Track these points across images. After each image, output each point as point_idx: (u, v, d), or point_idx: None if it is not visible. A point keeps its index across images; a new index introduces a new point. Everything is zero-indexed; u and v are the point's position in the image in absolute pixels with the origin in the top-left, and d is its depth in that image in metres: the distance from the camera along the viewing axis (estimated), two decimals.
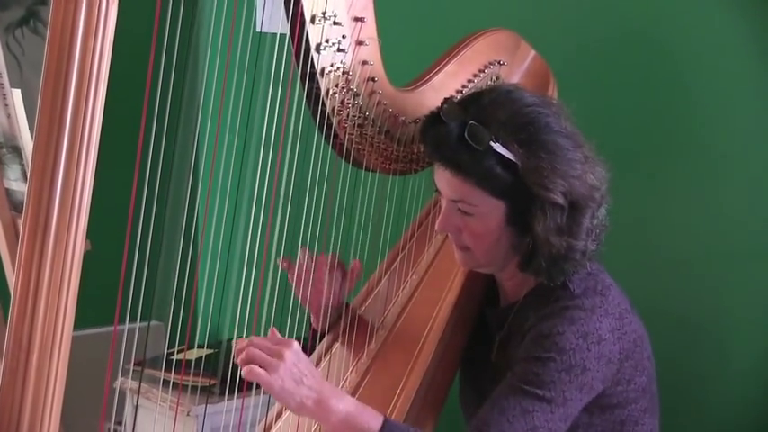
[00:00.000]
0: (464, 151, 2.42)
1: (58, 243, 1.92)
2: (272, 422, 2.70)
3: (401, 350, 2.76)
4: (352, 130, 2.67)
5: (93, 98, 1.90)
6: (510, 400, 2.38)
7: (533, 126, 2.44)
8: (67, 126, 1.89)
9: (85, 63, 1.88)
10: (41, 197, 1.92)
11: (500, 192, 2.44)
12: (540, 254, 2.45)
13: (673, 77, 3.21)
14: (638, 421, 2.57)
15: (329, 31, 2.54)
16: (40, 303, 1.91)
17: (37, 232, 1.92)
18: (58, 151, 1.90)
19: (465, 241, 2.54)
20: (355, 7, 2.57)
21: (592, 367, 2.41)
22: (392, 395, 2.59)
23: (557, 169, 2.40)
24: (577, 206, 2.42)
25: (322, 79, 2.55)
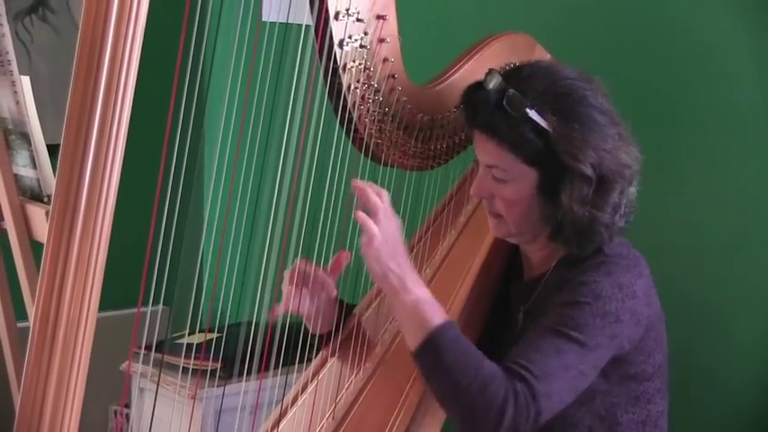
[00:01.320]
0: (500, 117, 2.48)
1: (86, 225, 1.94)
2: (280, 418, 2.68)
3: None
4: (372, 125, 2.70)
5: (124, 85, 1.91)
6: (544, 339, 2.42)
7: (569, 97, 2.51)
8: (98, 112, 1.90)
9: (117, 49, 1.89)
10: (71, 180, 1.94)
11: (532, 159, 2.50)
12: (567, 225, 2.51)
13: (678, 70, 3.24)
14: (651, 400, 2.62)
15: (352, 27, 2.56)
16: (67, 282, 1.93)
17: (66, 213, 1.93)
18: (89, 137, 1.91)
19: (497, 208, 2.59)
20: (378, 5, 2.60)
21: (624, 319, 2.46)
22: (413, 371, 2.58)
23: (588, 141, 2.46)
24: (605, 180, 2.48)
25: (344, 74, 2.58)
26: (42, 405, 1.96)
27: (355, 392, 2.70)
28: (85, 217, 1.94)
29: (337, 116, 2.63)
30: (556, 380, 2.36)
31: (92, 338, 1.98)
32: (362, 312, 2.94)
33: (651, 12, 3.32)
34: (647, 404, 2.61)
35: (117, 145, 1.93)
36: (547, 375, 2.35)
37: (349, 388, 2.72)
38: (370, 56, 2.63)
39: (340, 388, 2.73)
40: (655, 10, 3.31)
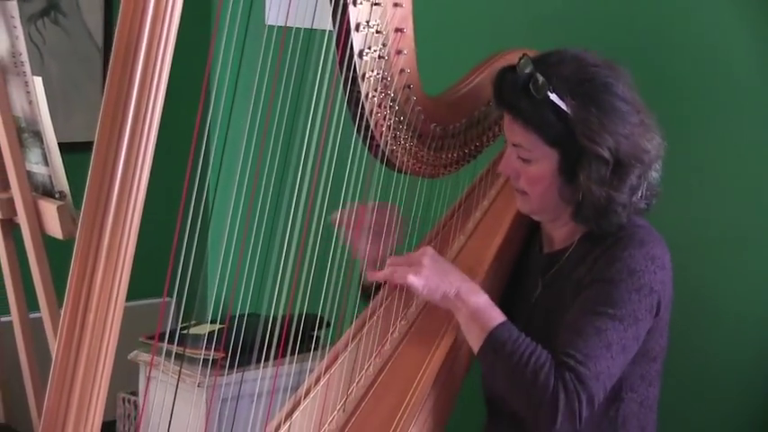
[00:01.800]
0: (525, 99, 2.55)
1: (116, 221, 1.97)
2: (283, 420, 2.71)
3: None
4: (388, 132, 2.75)
5: (158, 80, 1.93)
6: (584, 321, 2.50)
7: (592, 83, 2.57)
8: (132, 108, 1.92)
9: (152, 49, 1.91)
10: (104, 177, 1.96)
11: (553, 140, 2.57)
12: (586, 204, 2.58)
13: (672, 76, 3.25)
14: (651, 382, 2.70)
15: (371, 38, 2.61)
16: (97, 274, 1.96)
17: (98, 209, 1.95)
18: (122, 133, 1.93)
19: (522, 186, 2.67)
20: (396, 18, 2.65)
21: (658, 289, 2.55)
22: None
23: (605, 125, 2.52)
24: (622, 163, 2.53)
25: (363, 83, 2.62)
26: (71, 390, 2.00)
27: (365, 387, 2.74)
28: (116, 213, 1.98)
29: (355, 123, 2.68)
30: (600, 360, 2.45)
31: (119, 326, 2.03)
32: (375, 309, 2.94)
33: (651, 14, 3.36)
34: (648, 386, 2.68)
35: (148, 145, 1.96)
36: (590, 358, 2.44)
37: (359, 382, 2.75)
38: (388, 66, 2.68)
39: (351, 381, 2.77)
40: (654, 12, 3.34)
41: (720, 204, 3.24)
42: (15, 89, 3.54)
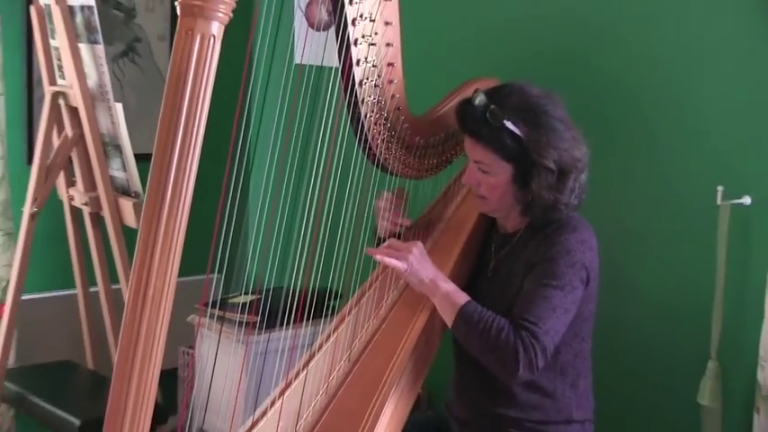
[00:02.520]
0: (485, 126, 2.54)
1: (170, 213, 1.94)
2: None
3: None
4: (382, 144, 2.76)
5: (201, 105, 1.93)
6: (534, 292, 2.52)
7: (536, 110, 2.56)
8: (181, 126, 1.92)
9: (197, 80, 1.90)
10: (160, 179, 1.94)
11: (508, 157, 2.56)
12: (536, 204, 2.57)
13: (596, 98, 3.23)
14: (584, 339, 2.70)
15: (369, 71, 2.61)
16: (156, 253, 1.93)
17: (155, 204, 1.92)
18: (174, 143, 1.92)
19: (482, 192, 2.65)
20: (388, 55, 2.67)
21: (587, 265, 2.57)
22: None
23: (549, 142, 2.53)
24: (563, 171, 2.54)
25: (362, 106, 2.63)
26: (136, 345, 1.97)
27: (365, 342, 2.74)
28: (170, 207, 1.95)
29: (356, 137, 2.70)
30: (549, 320, 2.46)
31: (173, 295, 2.00)
32: (372, 283, 2.95)
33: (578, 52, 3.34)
34: (581, 341, 2.68)
35: (194, 155, 1.94)
36: (541, 319, 2.45)
37: (361, 339, 2.75)
38: (382, 93, 2.69)
39: (354, 339, 2.76)
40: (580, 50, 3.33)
41: (635, 199, 3.22)
42: (101, 112, 3.55)
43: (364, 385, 2.63)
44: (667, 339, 3.12)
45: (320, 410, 2.62)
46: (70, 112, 3.55)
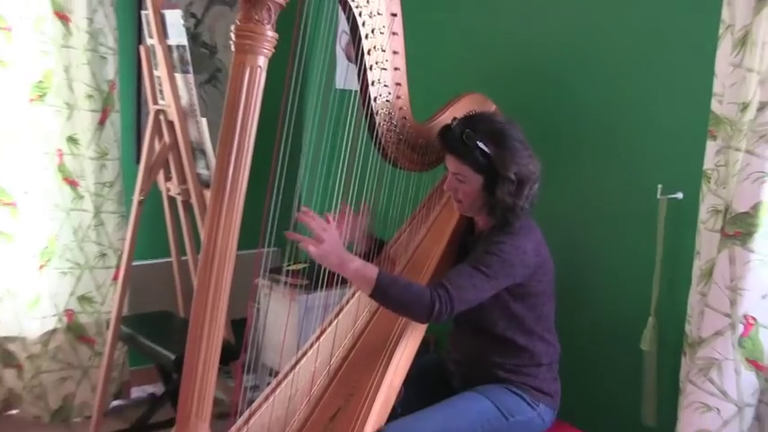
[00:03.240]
0: (462, 146, 2.55)
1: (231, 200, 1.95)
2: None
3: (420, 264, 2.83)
4: (392, 146, 2.77)
5: (252, 119, 1.93)
6: (464, 268, 2.51)
7: (501, 134, 2.57)
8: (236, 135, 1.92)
9: (249, 101, 1.91)
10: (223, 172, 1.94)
11: (480, 170, 2.55)
12: (498, 207, 2.56)
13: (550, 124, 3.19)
14: (544, 304, 2.70)
15: (381, 90, 2.65)
16: (219, 232, 1.93)
17: (225, 196, 1.94)
18: (232, 151, 1.93)
19: (459, 197, 2.64)
20: (396, 77, 2.69)
21: (516, 264, 2.54)
22: None
23: (512, 159, 2.53)
24: (521, 181, 2.53)
25: (376, 117, 2.65)
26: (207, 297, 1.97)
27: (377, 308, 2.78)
28: (230, 195, 1.95)
29: (372, 141, 2.71)
30: (465, 291, 2.46)
31: (233, 263, 1.99)
32: (390, 247, 2.99)
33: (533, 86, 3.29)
34: (541, 306, 2.69)
35: (247, 156, 1.95)
36: (459, 287, 2.45)
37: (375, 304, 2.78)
38: (391, 106, 2.70)
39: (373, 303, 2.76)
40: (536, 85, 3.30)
41: (596, 194, 3.16)
42: (191, 125, 3.57)
43: (382, 331, 2.67)
44: (618, 301, 3.11)
45: (348, 349, 2.68)
46: (168, 124, 3.58)
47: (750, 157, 2.43)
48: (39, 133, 3.63)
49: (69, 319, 3.86)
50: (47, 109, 3.63)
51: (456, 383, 2.77)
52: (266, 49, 1.92)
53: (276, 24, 1.94)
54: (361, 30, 2.50)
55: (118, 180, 3.87)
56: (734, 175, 2.51)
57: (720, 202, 2.60)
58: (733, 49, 2.52)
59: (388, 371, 2.50)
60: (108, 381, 3.70)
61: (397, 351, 2.55)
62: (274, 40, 1.93)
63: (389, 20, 2.57)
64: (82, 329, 3.90)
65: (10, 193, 3.63)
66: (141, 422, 3.80)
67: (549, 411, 2.68)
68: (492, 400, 2.59)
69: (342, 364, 2.64)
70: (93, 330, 3.93)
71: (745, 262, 2.47)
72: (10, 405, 3.93)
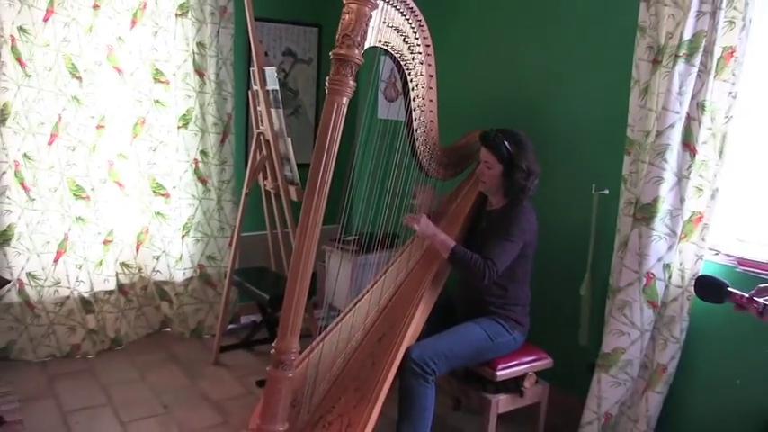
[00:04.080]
0: (493, 142, 2.59)
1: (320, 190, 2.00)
2: None
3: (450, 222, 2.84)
4: (425, 161, 2.75)
5: (337, 138, 1.99)
6: (498, 242, 2.56)
7: (519, 141, 2.61)
8: (326, 148, 1.98)
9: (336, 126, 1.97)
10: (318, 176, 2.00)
11: (502, 160, 2.59)
12: (513, 189, 2.60)
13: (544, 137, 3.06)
14: (526, 264, 2.70)
15: (420, 124, 2.64)
16: (311, 213, 1.99)
17: (317, 187, 1.99)
18: (323, 158, 1.98)
19: (485, 179, 2.66)
20: (430, 115, 2.67)
21: (527, 230, 2.60)
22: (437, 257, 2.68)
23: (525, 157, 2.58)
24: (529, 173, 2.58)
25: (417, 140, 2.66)
26: (301, 257, 2.03)
27: (414, 263, 2.79)
28: (320, 189, 2.00)
29: (413, 158, 2.71)
30: (503, 257, 2.54)
31: (318, 235, 2.04)
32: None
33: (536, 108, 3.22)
34: (524, 266, 2.70)
35: (333, 160, 2.00)
36: (499, 256, 2.53)
37: (411, 260, 2.80)
38: (426, 132, 2.68)
39: (409, 258, 2.82)
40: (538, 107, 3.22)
41: (554, 191, 3.13)
42: (281, 143, 3.49)
43: (414, 284, 2.69)
44: (566, 261, 3.10)
45: (391, 294, 2.70)
46: (265, 143, 3.52)
47: (651, 167, 2.53)
48: (183, 148, 3.76)
49: (201, 270, 3.96)
50: (188, 132, 3.76)
51: (460, 316, 2.76)
52: (348, 93, 1.99)
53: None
54: (410, 84, 2.52)
55: (233, 179, 3.93)
56: (641, 178, 2.61)
57: (633, 197, 2.69)
58: (640, 96, 2.64)
59: (417, 311, 2.54)
60: (226, 311, 3.69)
61: (423, 299, 2.58)
62: (353, 87, 2.00)
63: (428, 79, 2.59)
64: (208, 277, 3.99)
65: (165, 187, 3.77)
66: (247, 339, 3.88)
67: (521, 336, 2.72)
68: (483, 327, 2.63)
69: (386, 304, 2.67)
70: (216, 278, 4.00)
71: (648, 237, 2.55)
72: (165, 325, 4.05)
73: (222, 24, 3.70)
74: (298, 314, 2.09)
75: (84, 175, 3.48)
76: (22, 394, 3.11)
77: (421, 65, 2.51)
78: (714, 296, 1.88)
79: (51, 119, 3.35)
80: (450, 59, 3.63)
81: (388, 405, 2.35)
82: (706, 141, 2.47)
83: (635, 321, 2.62)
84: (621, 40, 2.78)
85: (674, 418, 2.71)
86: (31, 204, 3.39)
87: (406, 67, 2.45)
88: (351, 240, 3.72)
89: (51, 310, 3.53)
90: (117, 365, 3.53)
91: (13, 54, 3.23)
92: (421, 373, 2.40)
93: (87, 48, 3.40)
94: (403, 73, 2.48)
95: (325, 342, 2.59)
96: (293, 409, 2.29)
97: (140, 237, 3.82)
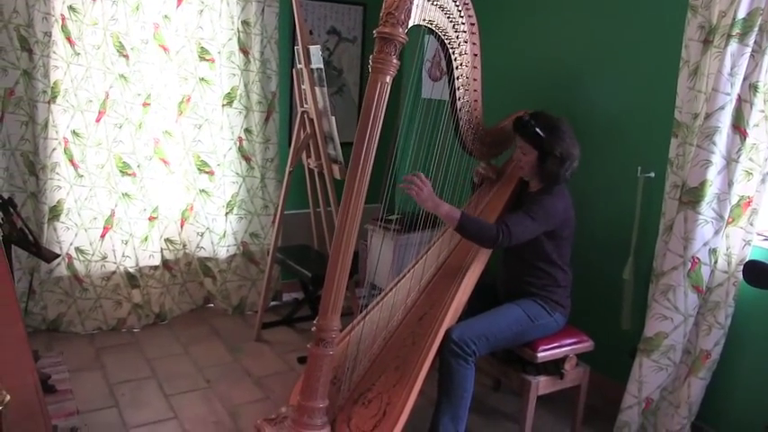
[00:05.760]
0: (526, 129, 2.56)
1: (363, 169, 2.02)
2: None
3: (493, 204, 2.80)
4: (469, 140, 2.71)
5: (380, 116, 2.01)
6: (519, 214, 2.52)
7: (552, 125, 2.55)
8: (369, 127, 1.99)
9: (379, 105, 2.00)
10: (359, 154, 2.02)
11: (537, 146, 2.56)
12: (546, 173, 2.56)
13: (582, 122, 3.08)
14: (564, 247, 2.67)
15: (464, 103, 2.61)
16: (354, 192, 2.03)
17: (359, 167, 2.01)
18: (366, 137, 2.00)
19: (521, 164, 2.63)
20: (474, 94, 2.62)
21: (551, 214, 2.54)
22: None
23: (558, 142, 2.52)
24: (563, 158, 2.53)
25: (460, 120, 2.63)
26: (343, 234, 2.05)
27: (457, 242, 2.79)
28: (362, 169, 2.02)
29: (457, 136, 2.68)
30: (518, 227, 2.48)
31: (361, 213, 2.07)
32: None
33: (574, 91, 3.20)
34: (562, 247, 2.67)
35: (376, 138, 2.02)
36: (515, 225, 2.47)
37: (455, 237, 2.78)
38: (471, 111, 2.65)
39: (452, 238, 2.81)
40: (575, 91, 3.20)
41: (600, 174, 3.11)
42: (324, 121, 3.48)
43: (456, 263, 2.70)
44: (610, 245, 3.08)
45: (432, 274, 2.71)
46: (309, 121, 3.54)
47: (699, 150, 2.49)
48: (227, 126, 3.81)
49: (244, 247, 4.02)
50: (232, 110, 3.81)
51: (501, 297, 2.77)
52: (392, 71, 2.00)
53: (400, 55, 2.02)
54: (453, 63, 2.49)
55: (276, 157, 3.95)
56: (688, 161, 2.58)
57: (679, 180, 2.65)
58: (689, 77, 2.59)
59: (458, 291, 2.54)
60: (268, 288, 3.72)
61: (465, 278, 2.58)
62: (397, 66, 2.01)
63: (472, 57, 2.56)
64: (252, 254, 4.05)
65: (209, 164, 3.83)
66: (289, 316, 3.94)
67: (562, 318, 2.71)
68: (523, 308, 2.62)
69: (428, 283, 2.68)
70: (259, 255, 4.05)
71: (694, 221, 2.52)
72: (208, 300, 4.13)
73: (267, 3, 3.73)
74: (339, 292, 2.12)
75: (130, 152, 3.56)
76: (71, 365, 3.23)
77: (465, 44, 2.48)
78: (764, 282, 1.86)
79: (99, 96, 3.44)
80: (496, 39, 3.58)
81: (427, 384, 2.38)
82: (757, 124, 2.43)
83: (678, 306, 2.59)
84: (671, 20, 2.74)
85: (717, 405, 2.70)
86: (79, 181, 3.49)
87: (450, 45, 2.43)
88: (393, 219, 3.74)
89: (98, 284, 3.65)
90: (161, 340, 3.63)
91: (63, 33, 3.30)
92: (461, 354, 2.41)
93: (134, 26, 3.46)
94: (447, 52, 2.46)
95: (366, 321, 2.61)
96: (333, 386, 2.34)
97: (185, 213, 3.90)
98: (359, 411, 2.27)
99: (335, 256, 2.08)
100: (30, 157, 3.42)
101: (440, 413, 2.44)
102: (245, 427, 2.78)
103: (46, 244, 3.46)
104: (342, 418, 2.26)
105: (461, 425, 2.45)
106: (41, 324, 3.61)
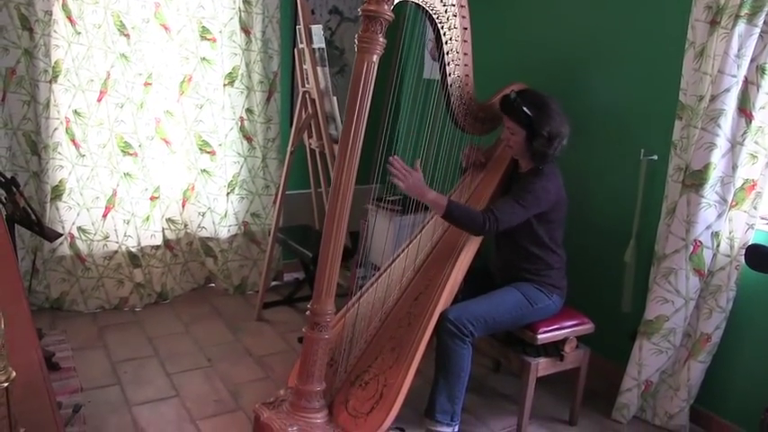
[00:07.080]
0: (513, 108, 2.50)
1: (351, 151, 2.01)
2: None
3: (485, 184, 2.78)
4: (461, 116, 2.65)
5: (367, 96, 1.99)
6: (507, 200, 2.48)
7: (539, 103, 2.49)
8: (356, 107, 1.98)
9: (366, 84, 1.98)
10: (349, 134, 2.00)
11: (524, 125, 2.49)
12: (535, 152, 2.50)
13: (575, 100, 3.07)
14: (556, 229, 2.62)
15: (455, 79, 2.56)
16: (345, 173, 2.01)
17: (348, 148, 1.99)
18: (353, 118, 1.98)
19: (510, 144, 2.58)
20: (465, 69, 2.57)
21: (542, 198, 2.49)
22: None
23: (546, 121, 2.46)
24: (551, 137, 2.46)
25: (451, 96, 2.56)
26: (335, 214, 2.04)
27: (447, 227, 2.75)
28: (352, 147, 2.01)
29: (449, 112, 2.63)
30: (506, 214, 2.45)
31: (352, 192, 2.06)
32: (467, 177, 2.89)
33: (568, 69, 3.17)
34: (554, 230, 2.62)
35: (364, 118, 2.00)
36: (503, 212, 2.44)
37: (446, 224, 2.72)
38: (462, 87, 2.60)
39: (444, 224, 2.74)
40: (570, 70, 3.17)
41: (601, 155, 3.09)
42: (326, 101, 3.45)
43: (450, 243, 2.67)
44: (611, 227, 3.06)
45: (427, 254, 2.69)
46: (311, 101, 3.50)
47: (703, 133, 2.45)
48: (228, 106, 3.76)
49: (245, 227, 4.00)
50: (234, 90, 3.75)
51: (497, 281, 2.74)
52: (378, 50, 1.97)
53: (386, 33, 1.98)
54: (443, 38, 2.44)
55: (278, 137, 3.92)
56: (692, 144, 2.54)
57: (682, 163, 2.62)
58: (695, 59, 2.54)
59: (453, 269, 2.52)
60: (269, 268, 3.70)
61: (460, 257, 2.56)
62: (384, 44, 1.98)
63: (462, 32, 2.50)
64: (253, 235, 4.03)
65: (211, 144, 3.79)
66: (290, 296, 3.92)
67: (560, 299, 2.68)
68: (522, 292, 2.60)
69: (423, 263, 2.66)
70: (260, 235, 4.03)
71: (697, 204, 2.50)
72: (210, 280, 4.12)
73: None
74: (332, 276, 2.10)
75: (131, 132, 3.52)
76: (74, 343, 3.22)
77: (455, 17, 2.43)
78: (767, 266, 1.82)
79: (100, 76, 3.39)
80: (494, 14, 3.56)
81: (424, 364, 2.36)
82: (764, 107, 2.38)
83: (680, 289, 2.57)
84: (676, 0, 2.69)
85: (716, 388, 2.68)
86: (81, 160, 3.45)
87: (439, 20, 2.38)
88: (394, 200, 3.69)
89: (100, 263, 3.63)
90: (163, 319, 3.61)
91: (64, 12, 3.25)
92: (458, 334, 2.39)
93: (135, 5, 3.41)
94: (435, 26, 2.42)
95: (361, 302, 2.60)
96: (330, 368, 2.33)
97: (186, 193, 3.87)
98: (356, 393, 2.26)
99: (327, 241, 2.06)
100: (32, 136, 3.38)
101: (437, 393, 2.43)
102: (246, 405, 2.77)
103: (48, 223, 3.44)
104: (339, 400, 2.25)
105: (458, 404, 2.44)
106: (45, 303, 3.59)
